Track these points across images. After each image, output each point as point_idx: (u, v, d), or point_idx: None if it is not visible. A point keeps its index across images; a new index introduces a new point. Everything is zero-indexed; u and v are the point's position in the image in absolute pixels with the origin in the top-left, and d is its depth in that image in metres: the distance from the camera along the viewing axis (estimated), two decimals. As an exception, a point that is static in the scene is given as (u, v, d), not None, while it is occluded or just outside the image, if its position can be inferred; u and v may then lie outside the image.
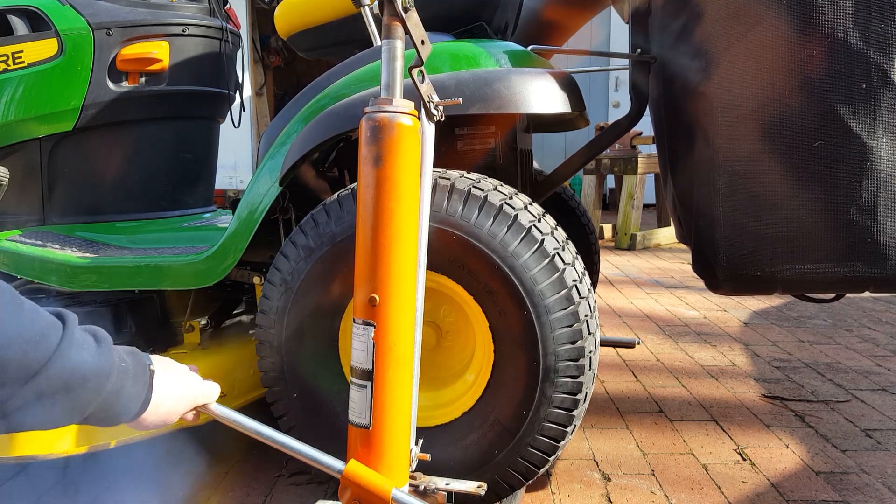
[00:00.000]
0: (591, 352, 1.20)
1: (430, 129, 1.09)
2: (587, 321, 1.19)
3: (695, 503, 1.38)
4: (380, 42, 1.29)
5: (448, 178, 1.21)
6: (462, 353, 1.34)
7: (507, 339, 1.19)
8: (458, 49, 1.36)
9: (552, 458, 1.23)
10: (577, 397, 1.19)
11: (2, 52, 1.64)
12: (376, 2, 0.98)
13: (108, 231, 1.75)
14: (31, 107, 1.66)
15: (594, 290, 1.43)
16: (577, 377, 1.18)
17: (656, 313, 3.06)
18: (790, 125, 1.18)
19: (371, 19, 1.46)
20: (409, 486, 1.07)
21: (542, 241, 1.18)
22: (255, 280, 1.58)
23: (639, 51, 1.47)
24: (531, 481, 1.28)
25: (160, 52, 1.73)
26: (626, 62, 1.54)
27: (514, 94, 1.24)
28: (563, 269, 1.18)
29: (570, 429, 1.21)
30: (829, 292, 1.31)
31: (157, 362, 0.88)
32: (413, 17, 0.98)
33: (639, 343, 2.36)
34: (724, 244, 1.26)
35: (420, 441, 1.13)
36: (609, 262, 4.46)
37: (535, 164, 1.88)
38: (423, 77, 1.05)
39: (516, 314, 1.17)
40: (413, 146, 0.99)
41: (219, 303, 1.81)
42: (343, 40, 1.64)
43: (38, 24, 1.65)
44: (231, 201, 1.64)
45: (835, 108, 1.15)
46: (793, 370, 2.21)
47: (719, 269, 1.28)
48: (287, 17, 1.69)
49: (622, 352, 2.44)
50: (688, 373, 2.20)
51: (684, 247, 4.91)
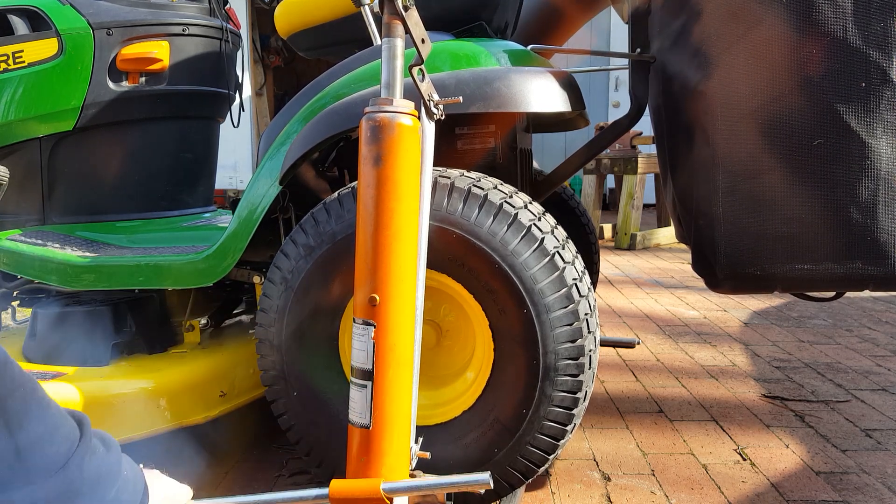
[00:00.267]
0: (591, 350, 1.20)
1: (430, 128, 1.09)
2: (587, 320, 1.19)
3: (695, 503, 1.38)
4: (380, 41, 1.29)
5: (448, 177, 1.21)
6: (462, 351, 1.34)
7: (507, 337, 1.19)
8: (458, 48, 1.36)
9: (552, 456, 1.23)
10: (577, 396, 1.19)
11: (2, 51, 1.64)
12: (376, 1, 0.98)
13: (109, 230, 1.75)
14: (32, 106, 1.66)
15: (594, 290, 1.43)
16: (577, 376, 1.18)
17: (656, 313, 3.06)
18: (790, 124, 1.18)
19: (371, 18, 1.46)
20: (409, 484, 1.07)
21: (542, 239, 1.18)
22: (255, 279, 1.58)
23: (639, 51, 1.47)
24: (531, 480, 1.28)
25: (160, 52, 1.73)
26: (626, 62, 1.54)
27: (514, 93, 1.25)
28: (563, 267, 1.18)
29: (570, 427, 1.21)
30: (828, 291, 1.31)
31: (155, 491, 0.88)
32: (413, 16, 0.98)
33: (639, 343, 2.36)
34: (724, 243, 1.26)
35: (420, 439, 1.13)
36: (609, 262, 4.46)
37: (535, 164, 1.88)
38: (423, 76, 1.05)
39: (516, 313, 1.17)
40: (413, 146, 0.99)
41: (219, 302, 1.81)
42: (343, 40, 1.65)
43: (39, 23, 1.66)
44: (231, 201, 1.64)
45: (834, 106, 1.15)
46: (793, 370, 2.21)
47: (719, 268, 1.28)
48: (287, 17, 1.70)
49: (622, 352, 2.44)
50: (688, 373, 2.21)
51: (684, 247, 4.92)
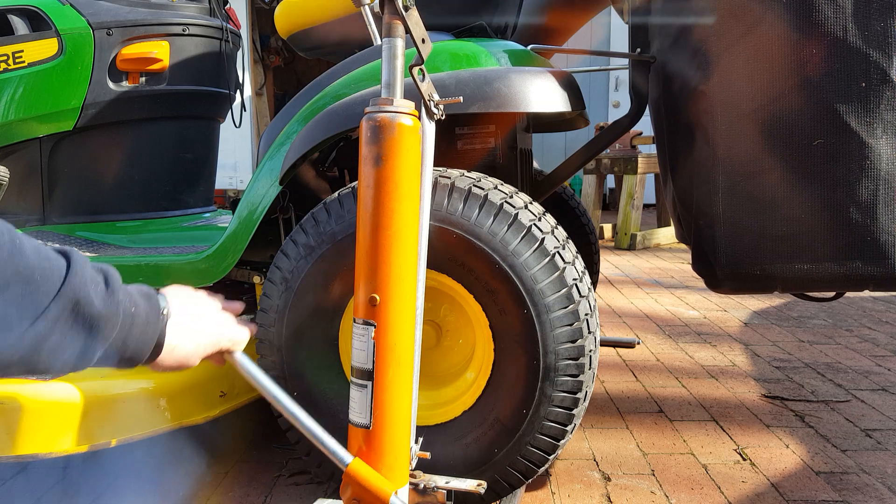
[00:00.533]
0: (591, 350, 1.20)
1: (430, 128, 1.09)
2: (587, 320, 1.19)
3: (695, 503, 1.38)
4: (380, 41, 1.29)
5: (448, 177, 1.21)
6: (462, 351, 1.34)
7: (507, 337, 1.19)
8: (459, 48, 1.36)
9: (552, 456, 1.23)
10: (578, 396, 1.19)
11: (2, 51, 1.64)
12: (376, 1, 0.98)
13: (109, 231, 1.75)
14: (32, 106, 1.66)
15: (594, 290, 1.43)
16: (577, 376, 1.18)
17: (656, 313, 3.06)
18: (790, 124, 1.18)
19: (371, 18, 1.46)
20: (409, 484, 1.07)
21: (543, 239, 1.18)
22: (255, 279, 1.58)
23: (639, 51, 1.47)
24: (531, 480, 1.28)
25: (160, 52, 1.73)
26: (626, 62, 1.54)
27: (514, 93, 1.25)
28: (564, 267, 1.18)
29: (570, 427, 1.21)
30: (828, 291, 1.31)
31: (177, 302, 0.82)
32: (413, 16, 0.98)
33: (639, 343, 2.36)
34: (724, 243, 1.26)
35: (420, 439, 1.13)
36: (609, 262, 4.46)
37: (535, 164, 1.88)
38: (423, 75, 1.05)
39: (516, 313, 1.17)
40: (413, 146, 0.99)
41: (219, 302, 1.81)
42: (343, 40, 1.65)
43: (39, 23, 1.66)
44: (231, 201, 1.64)
45: (834, 106, 1.15)
46: (793, 370, 2.21)
47: (719, 268, 1.28)
48: (287, 17, 1.70)
49: (622, 352, 2.44)
50: (688, 373, 2.21)
51: (684, 247, 4.92)
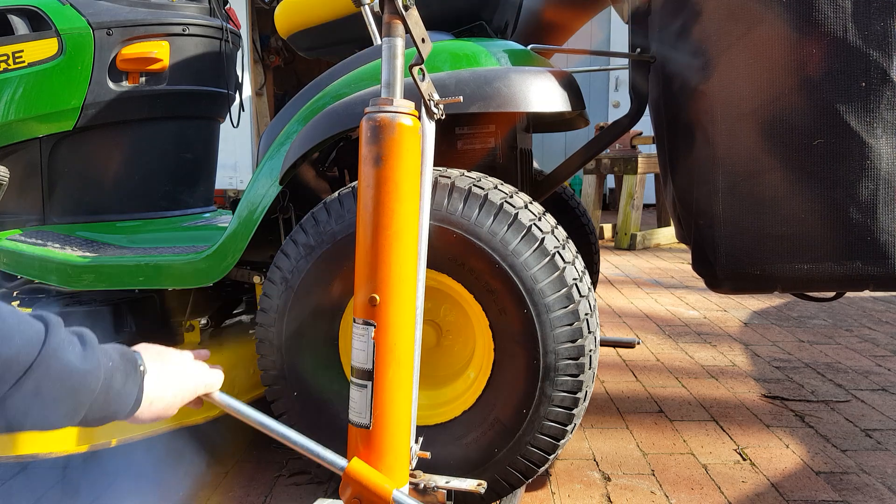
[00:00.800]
0: (591, 350, 1.20)
1: (430, 128, 1.09)
2: (587, 319, 1.19)
3: (695, 503, 1.38)
4: (380, 41, 1.29)
5: (448, 177, 1.21)
6: (462, 351, 1.34)
7: (507, 337, 1.19)
8: (459, 48, 1.36)
9: (552, 456, 1.23)
10: (578, 396, 1.19)
11: (2, 51, 1.64)
12: (376, 0, 0.98)
13: (109, 230, 1.75)
14: (32, 106, 1.66)
15: (594, 290, 1.43)
16: (577, 375, 1.18)
17: (656, 313, 3.06)
18: (790, 124, 1.18)
19: (371, 18, 1.46)
20: (410, 484, 1.07)
21: (543, 239, 1.18)
22: (256, 279, 1.58)
23: (639, 51, 1.47)
24: (531, 480, 1.28)
25: (160, 52, 1.73)
26: (626, 62, 1.54)
27: (514, 93, 1.24)
28: (564, 267, 1.18)
29: (570, 427, 1.21)
30: (828, 291, 1.31)
31: (150, 357, 0.86)
32: (413, 16, 0.98)
33: (639, 343, 2.36)
34: (724, 243, 1.26)
35: (420, 439, 1.13)
36: (609, 262, 4.46)
37: (535, 164, 1.88)
38: (423, 75, 1.05)
39: (516, 312, 1.17)
40: (413, 146, 0.99)
41: (219, 302, 1.81)
42: (343, 39, 1.65)
43: (39, 23, 1.65)
44: (231, 201, 1.64)
45: (834, 106, 1.15)
46: (793, 370, 2.21)
47: (719, 268, 1.28)
48: (287, 17, 1.70)
49: (622, 352, 2.44)
50: (688, 373, 2.20)
51: (684, 247, 4.92)
